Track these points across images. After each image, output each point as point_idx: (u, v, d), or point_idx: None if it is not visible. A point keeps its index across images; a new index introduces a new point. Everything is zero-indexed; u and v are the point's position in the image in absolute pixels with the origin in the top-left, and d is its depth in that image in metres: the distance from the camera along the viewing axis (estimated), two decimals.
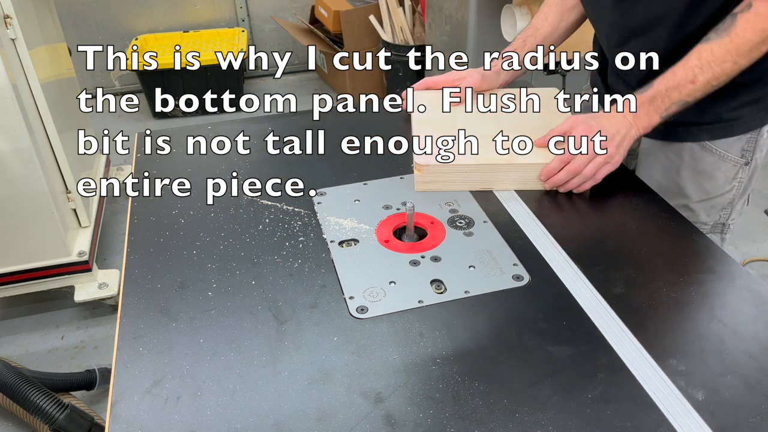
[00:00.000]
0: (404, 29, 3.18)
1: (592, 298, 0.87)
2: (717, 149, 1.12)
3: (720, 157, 1.13)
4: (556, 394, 0.73)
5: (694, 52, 0.97)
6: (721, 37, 0.94)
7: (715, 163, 1.14)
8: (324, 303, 0.87)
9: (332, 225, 1.01)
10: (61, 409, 1.53)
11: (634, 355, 0.78)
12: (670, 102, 0.99)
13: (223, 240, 0.99)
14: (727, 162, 1.13)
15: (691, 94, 0.98)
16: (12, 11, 1.76)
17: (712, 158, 1.13)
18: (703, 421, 0.70)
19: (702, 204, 1.18)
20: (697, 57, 0.96)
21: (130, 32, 3.51)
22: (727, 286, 0.90)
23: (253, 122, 1.36)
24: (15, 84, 1.75)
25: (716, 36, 0.95)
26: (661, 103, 1.00)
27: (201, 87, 3.30)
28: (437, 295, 0.88)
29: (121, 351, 0.80)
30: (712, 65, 0.95)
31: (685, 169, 1.16)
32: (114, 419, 0.72)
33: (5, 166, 1.78)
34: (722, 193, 1.17)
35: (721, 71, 0.96)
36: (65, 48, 2.35)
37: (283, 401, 0.73)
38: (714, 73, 0.96)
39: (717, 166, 1.14)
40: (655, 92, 1.00)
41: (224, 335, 0.82)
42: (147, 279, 0.92)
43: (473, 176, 1.08)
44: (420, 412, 0.71)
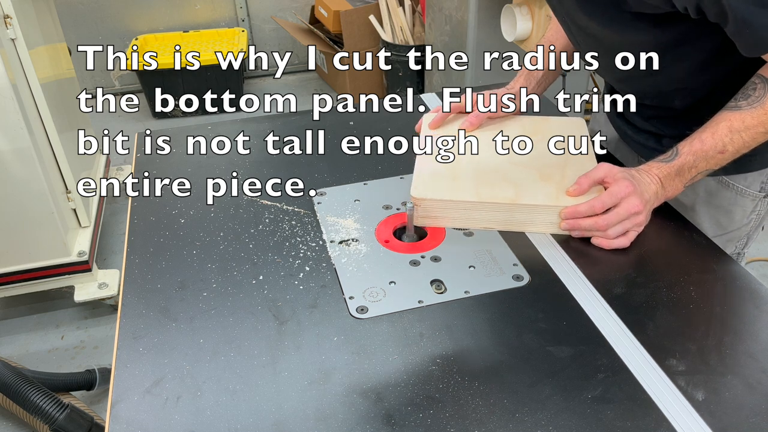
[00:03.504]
0: (404, 29, 3.18)
1: (592, 298, 0.87)
2: (736, 185, 1.08)
3: (738, 193, 1.08)
4: (556, 394, 0.73)
5: (724, 122, 0.91)
6: (754, 107, 0.89)
7: (732, 199, 1.09)
8: (324, 303, 0.87)
9: (332, 225, 1.01)
10: (61, 409, 1.53)
11: (634, 355, 0.78)
12: (696, 172, 0.94)
13: (223, 240, 0.99)
14: (746, 197, 1.09)
15: (718, 164, 0.93)
16: (12, 11, 1.76)
17: (730, 193, 1.09)
18: (703, 421, 0.70)
19: (718, 239, 1.13)
20: (727, 127, 0.90)
21: (130, 32, 3.51)
22: (727, 286, 0.90)
23: (253, 122, 1.36)
24: (15, 84, 1.75)
25: (747, 105, 0.90)
26: (688, 173, 0.94)
27: (201, 87, 3.30)
28: (437, 295, 0.87)
29: (121, 351, 0.80)
30: (743, 134, 0.90)
31: (700, 204, 1.11)
32: (114, 419, 0.72)
33: (5, 166, 1.78)
34: (739, 227, 1.13)
35: (751, 140, 0.91)
36: (65, 48, 2.35)
37: (283, 401, 0.73)
38: (744, 141, 0.91)
39: (735, 201, 1.09)
40: (683, 163, 0.93)
41: (224, 335, 0.82)
42: (147, 279, 0.92)
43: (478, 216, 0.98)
44: (420, 412, 0.71)
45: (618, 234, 0.94)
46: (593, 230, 0.94)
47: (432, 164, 1.06)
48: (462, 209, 0.98)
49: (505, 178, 1.02)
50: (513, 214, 0.98)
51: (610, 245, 0.94)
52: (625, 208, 0.92)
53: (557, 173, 1.03)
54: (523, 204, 0.97)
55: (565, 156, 1.08)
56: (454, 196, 0.98)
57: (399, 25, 3.18)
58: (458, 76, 2.68)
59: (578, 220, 0.95)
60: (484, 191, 0.99)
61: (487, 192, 0.99)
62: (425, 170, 1.04)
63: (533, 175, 1.02)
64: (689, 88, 1.01)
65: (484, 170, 1.04)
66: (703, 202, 1.11)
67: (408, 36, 3.20)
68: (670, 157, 0.95)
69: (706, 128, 0.92)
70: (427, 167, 1.05)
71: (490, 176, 1.03)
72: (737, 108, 0.90)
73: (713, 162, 0.93)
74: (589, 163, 1.05)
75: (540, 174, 1.03)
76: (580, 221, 0.95)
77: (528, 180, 1.01)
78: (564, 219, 0.96)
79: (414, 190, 0.99)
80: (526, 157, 1.08)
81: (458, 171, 1.04)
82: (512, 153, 1.09)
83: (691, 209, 1.12)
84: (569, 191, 0.97)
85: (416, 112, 1.37)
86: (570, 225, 0.96)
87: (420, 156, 1.08)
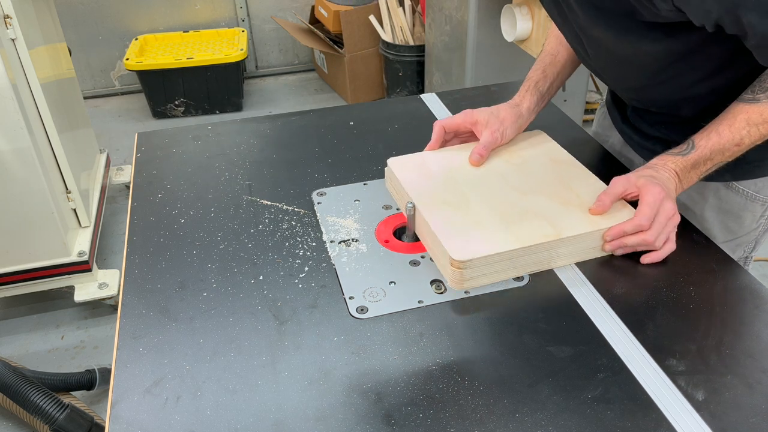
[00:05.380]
0: (404, 29, 3.18)
1: (592, 298, 0.87)
2: (745, 190, 1.06)
3: (748, 198, 1.07)
4: (556, 394, 0.73)
5: (742, 114, 0.89)
6: None
7: (742, 204, 1.08)
8: (324, 303, 0.87)
9: (332, 225, 1.01)
10: (61, 409, 1.53)
11: (634, 355, 0.78)
12: (712, 164, 0.93)
13: (222, 240, 0.99)
14: (756, 202, 1.07)
15: (733, 156, 0.92)
16: (12, 11, 1.76)
17: (739, 198, 1.07)
18: (703, 421, 0.70)
19: (727, 244, 1.12)
20: (745, 120, 0.89)
21: (130, 32, 3.51)
22: (727, 286, 0.90)
23: (253, 122, 1.35)
24: (15, 84, 1.75)
25: (766, 98, 0.88)
26: (703, 166, 0.93)
27: (201, 87, 3.30)
28: (437, 295, 0.87)
29: (121, 351, 0.80)
30: (760, 127, 0.89)
31: (709, 210, 1.10)
32: (114, 419, 0.72)
33: (5, 166, 1.78)
34: (748, 232, 1.11)
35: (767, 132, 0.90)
36: (65, 48, 2.35)
37: (283, 401, 0.73)
38: (761, 134, 0.90)
39: (744, 207, 1.08)
40: (699, 156, 0.92)
41: (224, 335, 0.82)
42: (147, 279, 0.92)
43: (522, 261, 0.89)
44: (420, 412, 0.71)
45: (663, 242, 0.92)
46: (641, 246, 0.92)
47: (445, 216, 0.93)
48: (507, 259, 0.88)
49: (528, 212, 0.94)
50: (558, 249, 0.91)
51: (661, 256, 0.92)
52: (663, 215, 0.90)
53: (567, 192, 0.98)
54: (569, 237, 0.90)
55: (555, 171, 1.04)
56: (499, 247, 0.87)
57: (399, 25, 3.18)
58: (458, 76, 2.68)
59: (623, 239, 0.91)
60: (522, 233, 0.90)
61: (525, 233, 0.90)
62: (448, 228, 0.91)
63: (550, 202, 0.96)
64: (698, 96, 0.99)
65: (502, 210, 0.95)
66: (713, 207, 1.10)
67: (408, 36, 3.20)
68: (686, 150, 0.93)
69: (722, 121, 0.91)
70: (445, 222, 0.92)
71: (513, 215, 0.94)
72: (755, 101, 0.89)
73: (728, 154, 0.92)
74: (579, 170, 1.04)
75: (555, 198, 0.97)
76: (625, 239, 0.91)
77: (550, 208, 0.95)
78: (608, 241, 0.92)
79: (457, 253, 0.86)
80: (525, 183, 1.01)
81: (479, 217, 0.94)
82: (509, 182, 1.02)
83: (700, 215, 1.11)
84: (593, 210, 0.93)
85: (416, 112, 1.37)
86: (615, 245, 0.92)
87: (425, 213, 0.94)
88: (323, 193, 1.10)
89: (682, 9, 0.80)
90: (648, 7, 0.82)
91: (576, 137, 1.26)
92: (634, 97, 1.10)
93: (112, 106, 3.55)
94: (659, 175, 0.93)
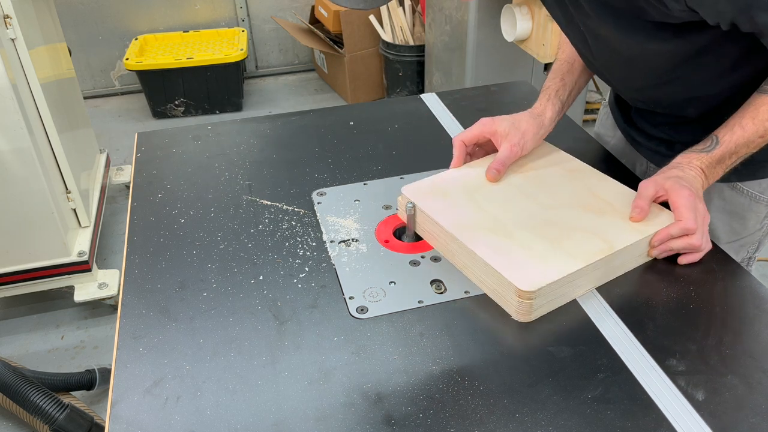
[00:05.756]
0: (404, 29, 3.18)
1: (592, 298, 0.87)
2: (750, 191, 1.06)
3: (753, 199, 1.07)
4: (556, 394, 0.73)
5: (764, 105, 0.88)
6: None
7: (746, 205, 1.08)
8: (324, 303, 0.87)
9: (332, 225, 1.01)
10: (61, 409, 1.53)
11: (634, 355, 0.78)
12: (737, 158, 0.92)
13: (222, 240, 0.99)
14: (760, 203, 1.07)
15: (757, 147, 0.92)
16: (12, 11, 1.76)
17: (744, 199, 1.07)
18: (703, 421, 0.70)
19: (731, 245, 1.11)
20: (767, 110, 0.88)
21: (130, 32, 3.51)
22: (727, 286, 0.90)
23: (253, 122, 1.35)
24: (15, 84, 1.75)
25: None
26: (729, 160, 0.92)
27: (201, 87, 3.30)
28: (437, 295, 0.87)
29: (121, 351, 0.80)
30: None
31: (714, 210, 1.08)
32: (114, 419, 0.72)
33: (5, 166, 1.78)
34: (752, 232, 1.11)
35: None
36: (65, 48, 2.35)
37: (283, 401, 0.73)
38: None
39: (749, 208, 1.08)
40: (724, 151, 0.91)
41: (224, 335, 0.82)
42: (147, 279, 0.92)
43: (581, 281, 0.86)
44: (420, 412, 0.71)
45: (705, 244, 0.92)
46: (687, 249, 0.91)
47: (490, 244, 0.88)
48: (569, 282, 0.85)
49: (571, 228, 0.91)
50: (613, 262, 0.88)
51: (699, 256, 0.92)
52: (699, 216, 0.90)
53: (597, 202, 0.96)
54: (623, 248, 0.88)
55: (576, 181, 1.02)
56: (563, 270, 0.83)
57: (399, 25, 3.17)
58: (458, 76, 2.68)
59: (669, 243, 0.91)
60: (577, 252, 0.86)
61: (580, 252, 0.86)
62: (501, 257, 0.86)
63: (585, 214, 0.94)
64: (704, 97, 0.99)
65: (544, 230, 0.91)
66: (717, 208, 1.09)
67: (408, 36, 3.20)
68: (710, 146, 0.92)
69: (744, 113, 0.90)
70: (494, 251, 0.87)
71: (557, 234, 0.90)
72: None
73: (753, 146, 0.91)
74: (599, 176, 1.02)
75: (588, 209, 0.95)
76: (671, 243, 0.91)
77: (590, 221, 0.93)
78: (655, 246, 0.91)
79: (524, 284, 0.81)
80: (552, 198, 0.98)
81: (524, 241, 0.89)
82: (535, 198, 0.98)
83: None
84: (634, 218, 0.92)
85: (416, 112, 1.37)
86: (662, 249, 0.91)
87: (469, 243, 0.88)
88: (323, 193, 1.10)
89: (695, 9, 0.79)
90: (658, 7, 0.82)
91: (576, 137, 1.26)
92: (640, 97, 1.10)
93: (112, 106, 3.55)
94: (685, 175, 0.92)
